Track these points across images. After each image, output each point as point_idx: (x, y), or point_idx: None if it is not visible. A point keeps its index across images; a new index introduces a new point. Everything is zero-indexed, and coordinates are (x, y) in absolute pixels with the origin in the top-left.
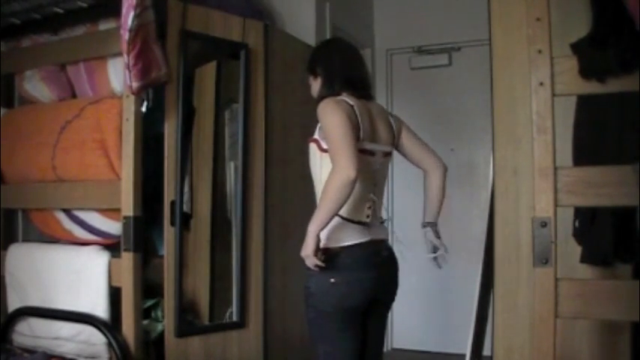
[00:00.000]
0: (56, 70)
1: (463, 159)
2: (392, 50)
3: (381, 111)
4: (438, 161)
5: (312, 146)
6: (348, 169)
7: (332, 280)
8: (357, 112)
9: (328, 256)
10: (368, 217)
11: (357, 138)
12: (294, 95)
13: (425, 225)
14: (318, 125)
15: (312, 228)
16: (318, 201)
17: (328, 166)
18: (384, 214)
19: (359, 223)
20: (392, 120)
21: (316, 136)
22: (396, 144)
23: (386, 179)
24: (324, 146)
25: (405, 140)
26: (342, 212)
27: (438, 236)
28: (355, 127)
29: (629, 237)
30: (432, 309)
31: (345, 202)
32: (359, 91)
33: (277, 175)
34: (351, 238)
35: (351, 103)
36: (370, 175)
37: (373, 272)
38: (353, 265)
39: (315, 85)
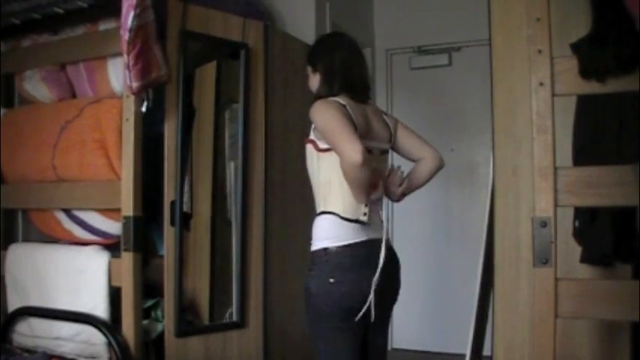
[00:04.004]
0: (56, 70)
1: (463, 159)
2: (392, 50)
3: (376, 110)
4: (435, 152)
5: (309, 147)
6: (351, 157)
7: (331, 280)
8: (350, 110)
9: (327, 256)
10: (365, 214)
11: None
12: (294, 95)
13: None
14: (313, 126)
15: (363, 199)
16: (317, 201)
17: (325, 166)
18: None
19: (356, 222)
20: (387, 118)
21: (312, 136)
22: (392, 141)
23: (383, 177)
24: (321, 146)
25: (402, 136)
26: (339, 211)
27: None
28: (350, 123)
29: (629, 237)
30: (432, 309)
31: (367, 178)
32: (358, 94)
33: (277, 175)
34: (349, 237)
35: (344, 103)
36: None
37: (373, 271)
38: (352, 265)
39: (314, 80)
